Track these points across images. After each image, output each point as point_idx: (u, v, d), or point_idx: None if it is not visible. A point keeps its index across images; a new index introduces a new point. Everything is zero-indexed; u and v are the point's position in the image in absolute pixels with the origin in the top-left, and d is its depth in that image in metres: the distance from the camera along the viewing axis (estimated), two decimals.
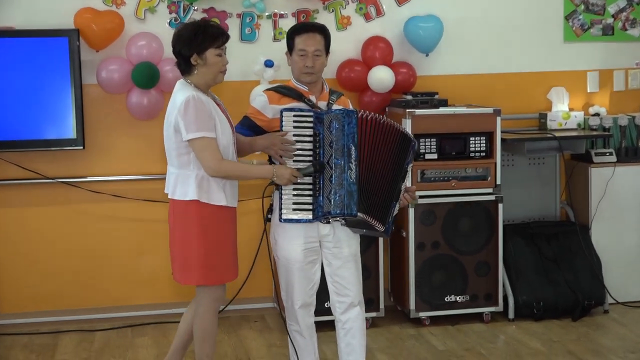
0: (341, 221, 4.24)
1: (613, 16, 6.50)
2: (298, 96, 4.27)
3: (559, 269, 6.00)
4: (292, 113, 4.15)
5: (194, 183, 4.09)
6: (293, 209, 4.15)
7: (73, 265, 5.94)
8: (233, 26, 5.95)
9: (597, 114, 6.36)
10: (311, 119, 4.14)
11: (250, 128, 4.31)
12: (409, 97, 5.85)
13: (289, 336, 4.46)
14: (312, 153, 4.14)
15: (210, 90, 4.24)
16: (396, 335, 5.67)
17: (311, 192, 4.15)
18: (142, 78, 5.60)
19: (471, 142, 5.76)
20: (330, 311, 4.49)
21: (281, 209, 4.15)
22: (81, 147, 5.69)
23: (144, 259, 5.97)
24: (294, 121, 4.14)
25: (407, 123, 5.62)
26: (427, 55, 6.16)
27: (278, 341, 5.57)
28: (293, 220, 4.16)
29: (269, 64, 5.79)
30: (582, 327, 5.76)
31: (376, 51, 6.02)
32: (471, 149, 5.76)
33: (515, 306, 5.88)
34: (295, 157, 4.15)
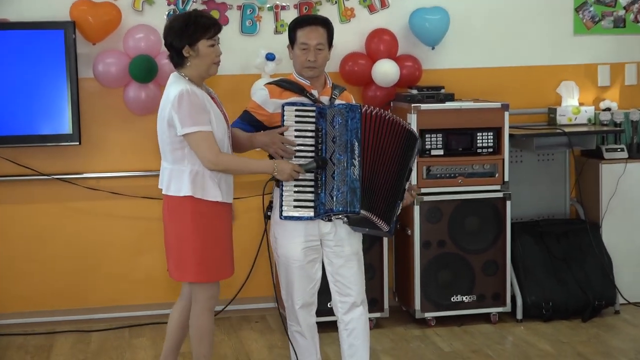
0: (343, 219, 4.23)
1: (625, 8, 6.49)
2: (300, 90, 4.26)
3: (569, 268, 5.99)
4: (294, 107, 4.14)
5: (188, 178, 4.10)
6: (294, 206, 4.14)
7: (69, 264, 5.94)
8: (233, 18, 5.95)
9: (608, 109, 6.35)
10: (313, 114, 4.13)
11: (250, 123, 4.29)
12: (415, 92, 5.85)
13: (289, 337, 4.46)
14: (314, 149, 4.13)
15: (204, 83, 4.25)
16: (401, 336, 5.67)
17: (313, 189, 4.14)
18: (140, 72, 5.59)
19: (478, 138, 5.76)
20: (332, 311, 4.49)
21: (282, 206, 4.14)
22: (77, 143, 5.70)
23: (142, 258, 5.98)
24: (296, 116, 4.13)
25: (413, 118, 5.62)
26: (433, 48, 6.16)
27: (279, 342, 5.57)
28: (294, 217, 4.15)
29: (270, 57, 5.79)
30: (593, 328, 5.75)
31: (380, 44, 6.02)
32: (478, 145, 5.76)
33: (523, 306, 5.87)
34: (297, 153, 4.14)
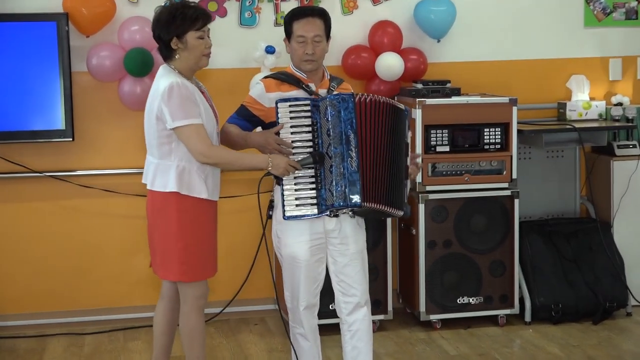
0: (348, 213, 4.21)
1: None
2: (296, 82, 4.27)
3: (579, 269, 5.98)
4: (288, 103, 4.14)
5: (175, 174, 4.13)
6: (296, 205, 4.14)
7: (61, 264, 5.93)
8: (232, 10, 5.94)
9: (620, 104, 6.34)
10: (308, 108, 4.13)
11: (246, 118, 4.30)
12: (420, 86, 5.83)
13: (290, 340, 4.45)
14: (312, 143, 4.14)
15: (195, 77, 4.27)
16: (405, 339, 5.66)
17: (314, 185, 4.13)
18: (135, 65, 5.57)
19: (485, 134, 5.75)
20: (334, 314, 4.48)
21: (284, 206, 4.13)
22: (70, 139, 5.69)
23: (137, 258, 5.95)
24: (290, 111, 4.14)
25: (417, 113, 5.61)
26: (439, 40, 6.15)
27: (280, 345, 5.56)
28: (298, 217, 4.15)
29: (270, 50, 5.77)
30: (604, 331, 5.74)
31: (384, 36, 6.01)
32: (485, 141, 5.75)
33: (532, 308, 5.87)
34: (295, 149, 4.14)
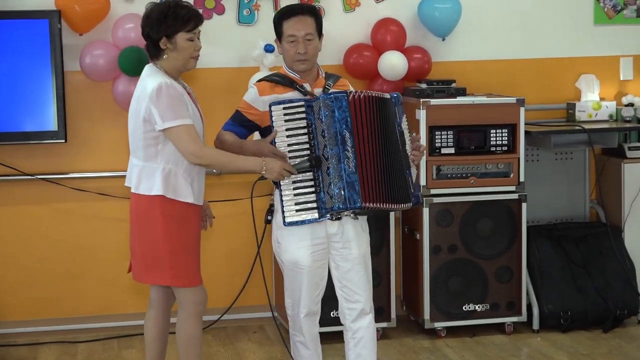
0: (350, 215, 4.21)
1: None
2: (290, 83, 4.26)
3: (589, 275, 5.97)
4: (281, 106, 4.13)
5: (160, 177, 4.13)
6: (296, 210, 4.13)
7: (54, 269, 5.91)
8: (230, 7, 5.93)
9: (631, 104, 6.33)
10: (303, 109, 4.13)
11: (241, 123, 4.30)
12: (424, 86, 5.83)
13: (289, 349, 4.46)
14: (308, 146, 4.14)
15: (180, 78, 4.27)
16: (409, 347, 5.65)
17: (313, 189, 4.13)
18: (130, 64, 5.56)
19: (492, 135, 5.74)
20: (336, 321, 4.47)
21: (284, 212, 4.12)
22: (63, 141, 5.68)
23: None
24: (285, 114, 4.13)
25: (422, 114, 5.60)
26: (444, 39, 6.14)
27: (279, 354, 5.55)
28: (298, 222, 4.14)
29: (270, 49, 5.76)
30: (614, 339, 5.73)
31: (387, 35, 6.00)
32: (492, 143, 5.74)
33: (540, 316, 5.85)
34: (292, 153, 4.14)
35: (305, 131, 4.13)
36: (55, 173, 5.82)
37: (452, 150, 5.71)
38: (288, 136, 4.13)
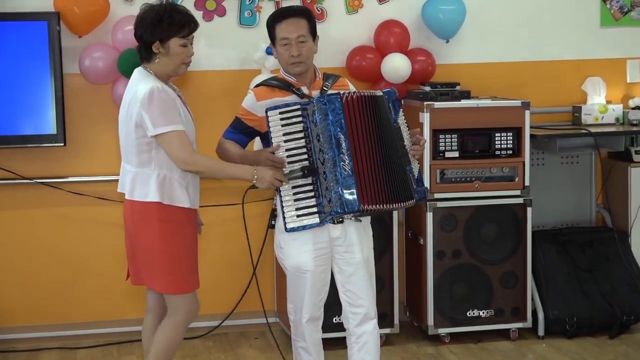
0: (351, 218, 4.22)
1: None
2: (287, 86, 4.27)
3: (595, 281, 5.96)
4: (277, 111, 4.13)
5: (155, 183, 4.11)
6: (297, 216, 4.14)
7: (53, 275, 5.92)
8: (231, 8, 5.94)
9: (638, 107, 6.33)
10: (299, 113, 4.13)
11: (241, 130, 4.31)
12: (428, 89, 5.83)
13: (294, 354, 4.45)
14: (305, 150, 4.15)
15: (170, 81, 4.24)
16: (413, 354, 5.65)
17: (313, 194, 4.14)
18: (130, 67, 5.48)
19: (497, 139, 5.74)
20: (339, 327, 4.46)
21: (285, 219, 4.13)
22: (62, 144, 5.69)
23: None
24: (281, 119, 4.13)
25: (425, 117, 5.60)
26: (448, 41, 6.14)
27: None
28: (299, 228, 4.15)
29: (271, 51, 5.72)
30: (621, 346, 5.72)
31: (391, 37, 6.00)
32: (497, 147, 5.74)
33: (545, 322, 5.85)
34: (290, 158, 4.14)
35: (302, 135, 4.14)
36: (53, 177, 5.81)
37: (457, 154, 5.70)
38: (286, 141, 4.14)
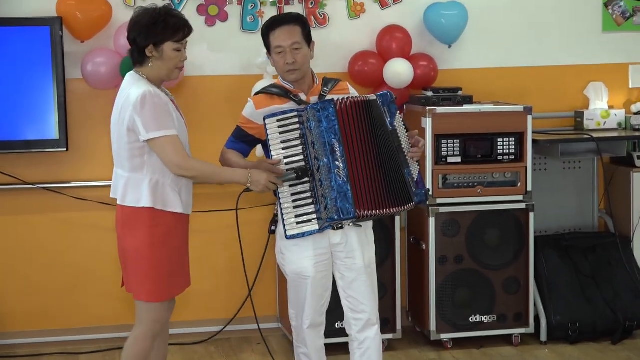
0: (349, 224, 4.23)
1: None
2: (285, 94, 4.29)
3: (597, 286, 5.97)
4: (275, 118, 4.15)
5: (148, 188, 4.09)
6: (297, 223, 4.16)
7: (55, 280, 5.93)
8: (233, 14, 5.95)
9: None
10: (296, 120, 4.15)
11: (242, 139, 4.34)
12: (430, 94, 5.83)
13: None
14: (303, 157, 4.17)
15: (162, 86, 4.23)
16: (415, 359, 5.66)
17: (311, 200, 4.16)
18: None
19: (499, 144, 5.75)
20: (342, 333, 4.48)
21: (284, 226, 4.16)
22: (64, 149, 5.70)
23: None
24: (279, 126, 4.16)
25: (427, 122, 5.61)
26: (450, 46, 6.15)
27: None
28: (299, 235, 4.17)
29: None
30: (624, 351, 5.73)
31: (393, 42, 6.01)
32: (499, 152, 5.75)
33: (548, 327, 5.85)
34: (289, 165, 4.16)
35: (299, 142, 4.16)
36: (56, 182, 5.82)
37: (459, 159, 5.71)
38: (284, 148, 4.16)
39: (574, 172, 6.38)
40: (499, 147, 5.74)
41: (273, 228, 4.33)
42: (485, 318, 5.79)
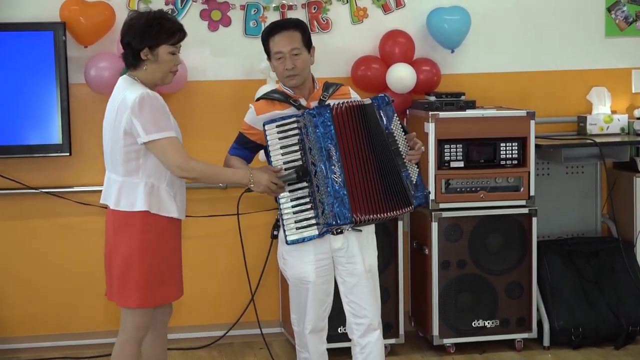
0: (347, 229, 4.25)
1: None
2: (286, 99, 4.31)
3: (600, 291, 5.98)
4: (274, 124, 4.19)
5: (143, 192, 4.07)
6: (297, 228, 4.19)
7: (58, 284, 5.94)
8: (236, 19, 5.96)
9: None
10: (295, 125, 4.19)
11: (245, 145, 4.36)
12: (433, 98, 5.85)
13: None
14: (302, 162, 4.19)
15: (155, 90, 4.22)
16: None
17: (310, 205, 4.18)
18: None
19: (502, 149, 5.75)
20: (344, 337, 4.49)
21: (285, 231, 4.19)
22: (67, 154, 5.71)
23: None
24: (278, 132, 4.19)
25: (430, 127, 5.62)
26: (453, 51, 6.16)
27: None
28: (299, 240, 4.20)
29: None
30: (626, 356, 5.73)
31: (396, 47, 6.03)
32: (502, 157, 5.76)
33: (550, 332, 5.86)
34: (287, 170, 4.19)
35: (298, 148, 4.19)
36: (59, 187, 5.83)
37: (462, 164, 5.72)
38: (283, 154, 4.19)
39: (577, 177, 6.38)
40: (502, 152, 5.75)
41: (275, 233, 4.36)
42: (488, 323, 5.79)
